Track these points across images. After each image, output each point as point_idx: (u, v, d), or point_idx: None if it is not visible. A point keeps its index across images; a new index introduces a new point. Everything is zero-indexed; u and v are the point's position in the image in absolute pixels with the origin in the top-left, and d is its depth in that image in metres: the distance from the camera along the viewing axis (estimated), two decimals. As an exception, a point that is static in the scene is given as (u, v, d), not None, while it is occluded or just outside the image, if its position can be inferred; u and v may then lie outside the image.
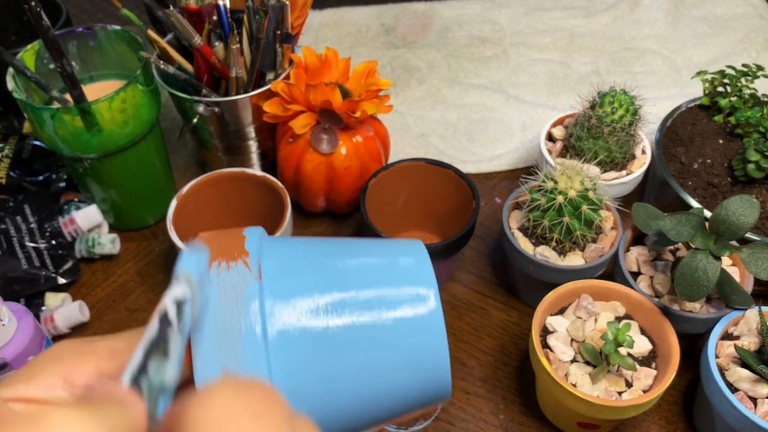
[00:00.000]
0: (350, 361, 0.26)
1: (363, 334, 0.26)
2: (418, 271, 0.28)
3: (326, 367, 0.26)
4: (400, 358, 0.26)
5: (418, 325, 0.26)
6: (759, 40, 0.87)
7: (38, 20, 0.51)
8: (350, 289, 0.27)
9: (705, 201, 0.59)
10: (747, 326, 0.50)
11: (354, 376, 0.26)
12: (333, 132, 0.61)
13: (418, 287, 0.27)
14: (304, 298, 0.26)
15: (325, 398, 0.26)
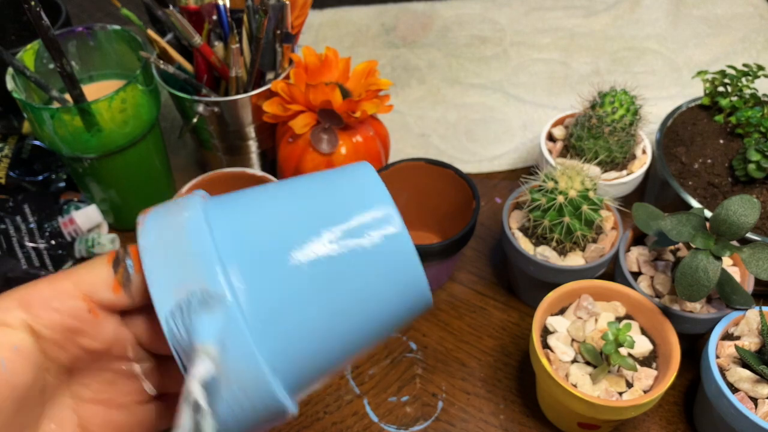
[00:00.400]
0: (327, 295, 0.26)
1: (334, 268, 0.26)
2: (371, 191, 0.28)
3: (306, 306, 0.25)
4: (375, 282, 0.26)
5: (386, 244, 0.26)
6: (759, 40, 0.87)
7: (38, 20, 0.51)
8: (311, 225, 0.26)
9: (705, 201, 0.59)
10: (748, 326, 0.50)
11: (332, 308, 0.26)
12: (333, 132, 0.61)
13: (376, 207, 0.27)
14: (260, 242, 0.26)
15: (310, 333, 0.26)
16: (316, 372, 0.27)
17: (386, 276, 0.26)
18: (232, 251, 0.25)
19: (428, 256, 0.57)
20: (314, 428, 0.54)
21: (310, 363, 0.26)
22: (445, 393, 0.56)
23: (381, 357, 0.58)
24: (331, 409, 0.55)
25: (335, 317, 0.26)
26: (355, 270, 0.26)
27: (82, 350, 0.27)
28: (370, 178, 0.28)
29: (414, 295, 0.27)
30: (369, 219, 0.27)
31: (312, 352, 0.26)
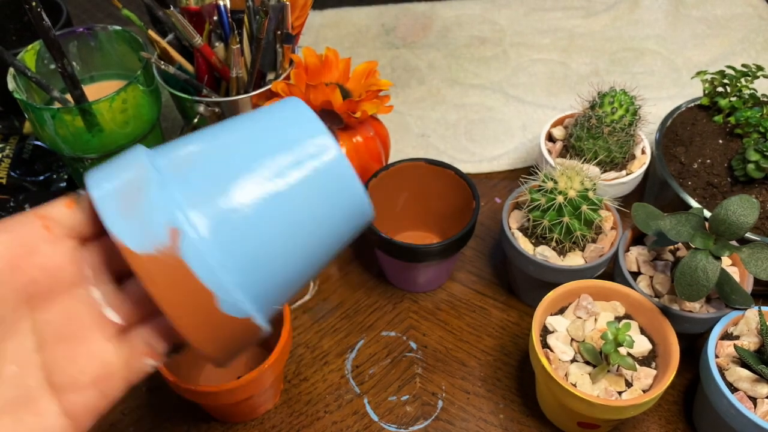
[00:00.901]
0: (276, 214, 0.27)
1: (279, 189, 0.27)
2: (301, 121, 0.29)
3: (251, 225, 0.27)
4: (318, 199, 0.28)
5: (324, 170, 0.28)
6: (759, 41, 0.87)
7: (39, 20, 0.51)
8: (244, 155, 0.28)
9: (705, 201, 0.59)
10: (747, 326, 0.51)
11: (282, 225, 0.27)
12: (333, 132, 0.61)
13: (311, 136, 0.28)
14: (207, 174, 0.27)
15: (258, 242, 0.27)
16: (274, 283, 0.28)
17: (326, 188, 0.28)
18: (175, 175, 0.27)
19: (428, 256, 0.57)
20: (314, 427, 0.54)
21: (276, 281, 0.28)
22: (445, 392, 0.56)
23: (381, 356, 0.59)
24: (331, 408, 0.56)
25: (286, 232, 0.27)
26: (298, 189, 0.28)
27: (38, 270, 0.26)
28: (301, 110, 0.29)
29: (353, 205, 0.29)
30: (305, 139, 0.28)
31: (264, 262, 0.27)
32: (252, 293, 0.27)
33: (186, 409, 0.56)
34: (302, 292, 0.63)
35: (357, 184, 0.28)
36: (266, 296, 0.28)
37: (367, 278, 0.65)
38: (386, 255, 0.58)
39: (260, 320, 0.28)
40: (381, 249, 0.58)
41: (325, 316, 0.62)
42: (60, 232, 0.27)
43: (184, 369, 0.53)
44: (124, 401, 0.56)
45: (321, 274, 0.65)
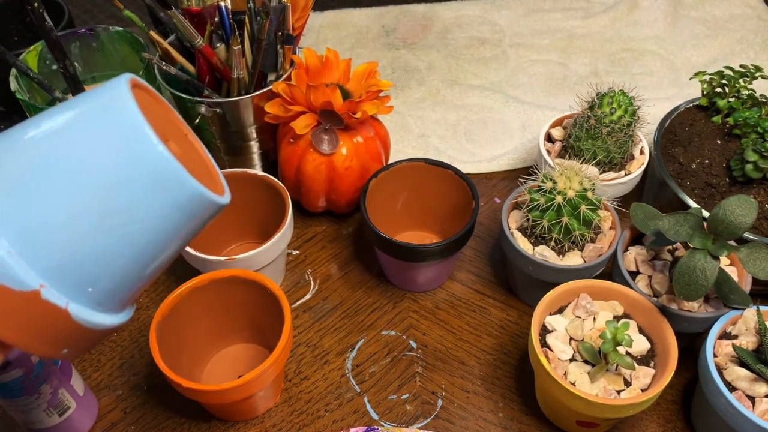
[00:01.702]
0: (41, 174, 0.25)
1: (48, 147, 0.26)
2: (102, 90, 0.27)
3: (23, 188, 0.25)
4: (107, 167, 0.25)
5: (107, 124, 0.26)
6: (757, 41, 0.88)
7: (41, 21, 0.51)
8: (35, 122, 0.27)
9: (703, 201, 0.60)
10: (745, 325, 0.51)
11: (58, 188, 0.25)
12: (334, 132, 0.61)
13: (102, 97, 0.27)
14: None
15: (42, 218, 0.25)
16: (84, 261, 0.26)
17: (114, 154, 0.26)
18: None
19: (428, 256, 0.57)
20: (315, 426, 0.55)
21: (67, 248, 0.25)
22: (444, 391, 0.57)
23: (381, 355, 0.59)
24: (332, 407, 0.56)
25: (77, 200, 0.25)
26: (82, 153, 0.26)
27: None
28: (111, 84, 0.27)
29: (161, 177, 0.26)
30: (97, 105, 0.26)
31: (65, 237, 0.25)
32: (41, 265, 0.25)
33: (187, 407, 0.56)
34: (303, 292, 0.64)
35: (150, 144, 0.25)
36: (68, 272, 0.25)
37: (368, 278, 0.65)
38: (386, 255, 0.58)
39: (57, 298, 0.25)
40: (381, 249, 0.59)
41: (326, 316, 0.62)
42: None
43: (186, 368, 0.53)
44: (125, 400, 0.56)
45: (321, 274, 0.65)
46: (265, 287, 0.52)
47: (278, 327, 0.51)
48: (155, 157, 0.25)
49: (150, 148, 0.25)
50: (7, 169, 0.25)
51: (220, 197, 0.28)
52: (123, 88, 0.26)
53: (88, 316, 0.26)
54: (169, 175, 0.26)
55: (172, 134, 0.29)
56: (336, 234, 0.69)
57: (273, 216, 0.61)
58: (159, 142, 0.25)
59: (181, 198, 0.26)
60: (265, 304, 0.53)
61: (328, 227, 0.69)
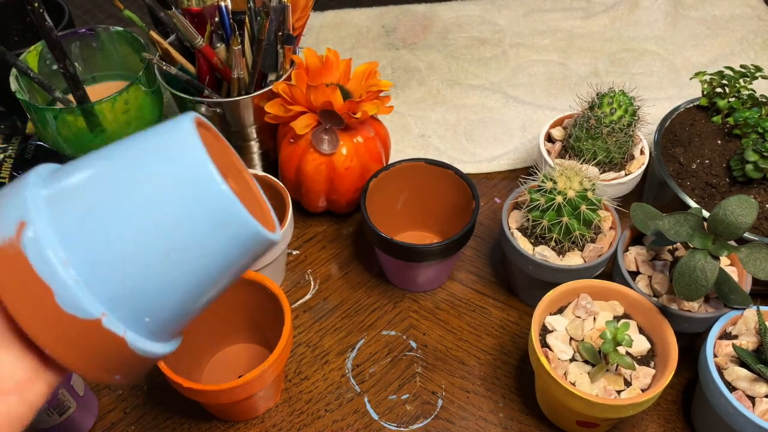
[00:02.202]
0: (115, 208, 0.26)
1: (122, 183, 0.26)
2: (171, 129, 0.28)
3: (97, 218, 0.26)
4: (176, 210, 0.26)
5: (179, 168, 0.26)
6: (757, 41, 0.88)
7: (41, 21, 0.51)
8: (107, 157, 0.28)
9: (703, 201, 0.60)
10: (745, 325, 0.51)
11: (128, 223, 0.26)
12: (334, 132, 0.61)
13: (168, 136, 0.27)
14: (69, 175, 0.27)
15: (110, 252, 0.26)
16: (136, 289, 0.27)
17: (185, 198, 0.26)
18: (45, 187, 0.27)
19: (428, 256, 0.57)
20: (315, 426, 0.55)
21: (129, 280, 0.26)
22: (444, 391, 0.57)
23: (381, 355, 0.59)
24: (332, 407, 0.56)
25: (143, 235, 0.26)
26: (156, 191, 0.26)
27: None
28: (180, 122, 0.28)
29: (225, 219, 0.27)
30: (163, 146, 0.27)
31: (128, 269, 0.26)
32: (104, 295, 0.26)
33: (187, 407, 0.56)
34: (303, 292, 0.64)
35: (220, 190, 0.26)
36: (129, 303, 0.26)
37: (368, 278, 0.65)
38: (386, 255, 0.58)
39: (116, 326, 0.26)
40: (381, 249, 0.59)
41: (326, 316, 0.62)
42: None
43: (186, 368, 0.53)
44: (125, 400, 0.56)
45: (322, 274, 0.65)
46: (265, 287, 0.52)
47: (278, 327, 0.51)
48: (219, 196, 0.26)
49: (215, 187, 0.26)
50: (83, 198, 0.26)
51: (273, 235, 0.29)
52: (189, 128, 0.27)
53: (142, 344, 0.27)
54: (230, 214, 0.27)
55: (230, 171, 0.30)
56: (336, 234, 0.69)
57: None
58: (222, 182, 0.26)
59: (240, 236, 0.27)
60: (266, 304, 0.53)
61: (328, 227, 0.69)
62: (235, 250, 0.27)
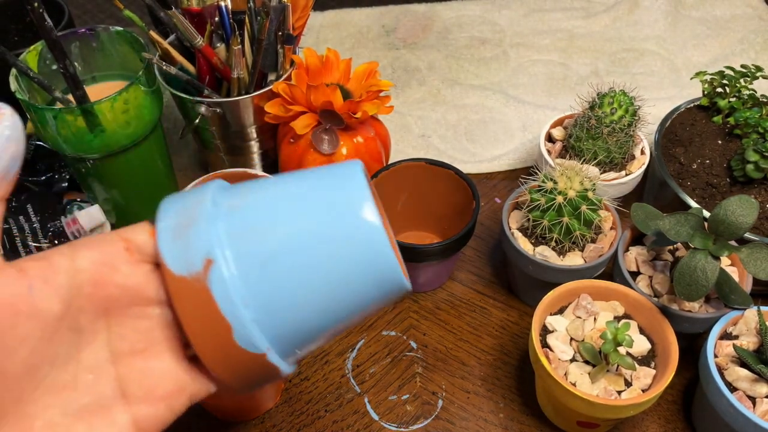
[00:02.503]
0: (294, 257, 0.28)
1: (302, 234, 0.29)
2: (348, 178, 0.30)
3: (276, 265, 0.28)
4: (342, 251, 0.29)
5: (350, 221, 0.29)
6: (758, 41, 0.88)
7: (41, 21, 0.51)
8: (290, 199, 0.30)
9: (704, 201, 0.60)
10: (746, 326, 0.51)
11: (302, 272, 0.28)
12: (334, 132, 0.61)
13: (350, 189, 0.29)
14: (251, 212, 0.29)
15: (282, 296, 0.28)
16: (295, 329, 0.29)
17: (355, 249, 0.29)
18: (230, 221, 0.29)
19: (428, 256, 0.57)
20: (315, 426, 0.55)
21: (294, 327, 0.29)
22: (445, 391, 0.57)
23: (381, 356, 0.59)
24: (332, 407, 0.56)
25: (313, 284, 0.29)
26: (327, 243, 0.29)
27: (118, 288, 0.28)
28: (352, 170, 0.31)
29: (383, 273, 0.29)
30: (345, 199, 0.29)
31: (295, 315, 0.29)
32: (270, 333, 0.29)
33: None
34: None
35: (389, 256, 0.29)
36: (286, 340, 0.29)
37: (368, 278, 0.65)
38: (387, 255, 0.58)
39: (275, 359, 0.29)
40: (381, 249, 0.58)
41: (326, 316, 0.62)
42: (139, 257, 0.29)
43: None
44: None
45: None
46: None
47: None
48: (390, 267, 0.29)
49: (386, 255, 0.29)
50: (264, 244, 0.28)
51: (409, 284, 0.31)
52: (363, 190, 0.29)
53: (287, 370, 0.30)
54: (393, 278, 0.29)
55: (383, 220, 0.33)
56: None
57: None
58: (391, 250, 0.29)
59: (394, 292, 0.30)
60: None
61: (329, 227, 0.69)
62: (383, 302, 0.31)
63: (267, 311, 0.28)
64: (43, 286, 0.25)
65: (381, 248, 0.29)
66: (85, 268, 0.27)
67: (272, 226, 0.29)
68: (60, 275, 0.26)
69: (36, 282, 0.25)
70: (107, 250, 0.28)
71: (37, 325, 0.25)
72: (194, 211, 0.29)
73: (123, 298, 0.28)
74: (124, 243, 0.29)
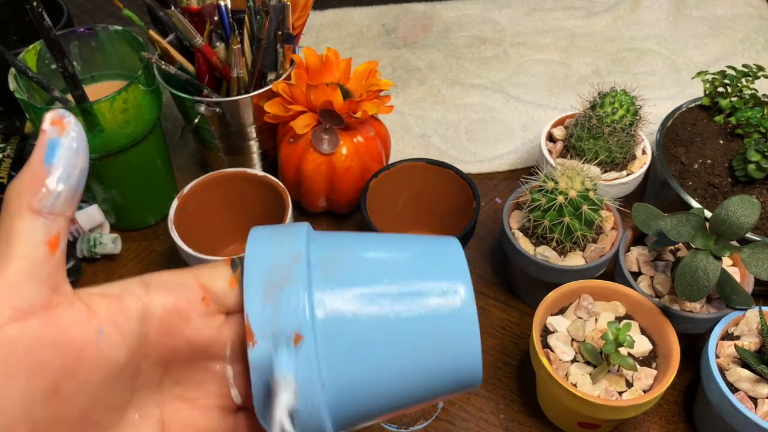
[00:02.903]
0: (382, 347, 0.27)
1: (396, 324, 0.27)
2: (450, 264, 0.29)
3: (361, 353, 0.27)
4: (432, 348, 0.27)
5: (449, 316, 0.27)
6: (759, 41, 0.87)
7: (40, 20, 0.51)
8: (386, 280, 0.28)
9: (705, 201, 0.59)
10: (747, 326, 0.51)
11: (386, 363, 0.27)
12: (334, 132, 0.61)
13: (450, 280, 0.28)
14: (345, 288, 0.27)
15: (369, 386, 0.27)
16: (362, 419, 0.29)
17: (446, 347, 0.28)
18: (323, 294, 0.27)
19: (429, 256, 0.57)
20: (315, 427, 0.54)
21: (360, 412, 0.28)
22: (445, 392, 0.56)
23: (382, 356, 0.59)
24: (331, 408, 0.56)
25: (393, 375, 0.27)
26: (419, 337, 0.27)
27: (185, 341, 0.27)
28: (456, 255, 0.29)
29: (467, 371, 0.28)
30: (444, 291, 0.28)
31: (365, 402, 0.28)
32: (335, 415, 0.27)
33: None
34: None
35: (476, 343, 0.28)
36: (349, 422, 0.28)
37: (368, 278, 0.65)
38: (387, 255, 0.58)
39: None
40: (381, 249, 0.58)
41: (326, 316, 0.62)
42: (215, 308, 0.27)
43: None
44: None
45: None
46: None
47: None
48: (475, 372, 0.28)
49: (476, 372, 0.28)
50: (359, 324, 0.27)
51: (481, 379, 0.30)
52: (470, 313, 0.28)
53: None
54: (472, 375, 0.28)
55: None
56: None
57: (273, 216, 0.60)
58: (480, 359, 0.28)
59: (464, 389, 0.29)
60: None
61: (329, 227, 0.69)
62: (449, 396, 0.29)
63: (341, 393, 0.27)
64: (113, 331, 0.24)
65: (469, 336, 0.27)
66: (157, 315, 0.25)
67: (368, 305, 0.27)
68: (131, 321, 0.24)
69: (106, 326, 0.23)
70: (183, 298, 0.26)
71: (100, 373, 0.23)
72: (288, 271, 0.27)
73: (188, 351, 0.27)
74: (202, 291, 0.27)
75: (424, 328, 0.27)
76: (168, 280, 0.27)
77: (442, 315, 0.27)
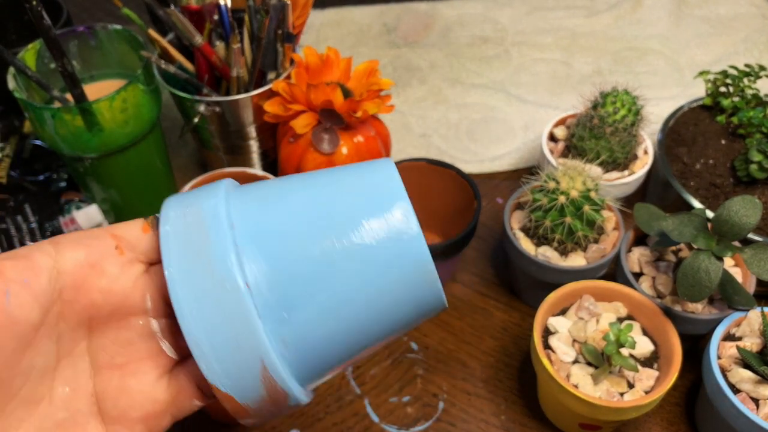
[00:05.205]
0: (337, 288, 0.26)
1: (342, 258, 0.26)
2: (384, 186, 0.28)
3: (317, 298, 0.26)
4: (384, 276, 0.26)
5: (396, 240, 0.26)
6: (762, 41, 0.87)
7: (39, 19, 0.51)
8: (324, 215, 0.27)
9: (707, 201, 0.59)
10: (749, 327, 0.50)
11: (343, 301, 0.26)
12: (334, 132, 0.61)
13: (387, 202, 0.27)
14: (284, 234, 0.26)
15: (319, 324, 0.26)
16: (325, 363, 0.27)
17: (398, 274, 0.26)
18: (249, 240, 0.26)
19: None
20: (315, 428, 0.54)
21: (318, 354, 0.27)
22: (446, 393, 0.56)
23: (382, 357, 0.58)
24: (332, 409, 0.55)
25: (345, 311, 0.26)
26: (366, 266, 0.26)
27: (102, 293, 0.26)
28: (389, 175, 0.28)
29: (426, 296, 0.27)
30: (384, 216, 0.27)
31: (321, 343, 0.27)
32: (299, 375, 0.27)
33: (186, 409, 0.55)
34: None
35: (428, 260, 0.26)
36: (313, 373, 0.27)
37: (368, 278, 0.64)
38: (387, 255, 0.58)
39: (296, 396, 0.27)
40: (382, 249, 0.58)
41: (326, 317, 0.61)
42: (131, 255, 0.27)
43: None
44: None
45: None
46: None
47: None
48: (436, 293, 0.27)
49: (435, 288, 0.27)
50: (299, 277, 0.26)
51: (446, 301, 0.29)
52: (400, 192, 0.27)
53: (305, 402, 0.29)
54: (437, 301, 0.27)
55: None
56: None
57: (273, 216, 0.60)
58: (433, 264, 0.27)
59: (429, 312, 0.28)
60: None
61: (329, 227, 0.69)
62: (415, 324, 0.29)
63: (298, 350, 0.26)
64: (21, 291, 0.23)
65: (425, 264, 0.26)
66: (69, 269, 0.25)
67: (298, 241, 0.26)
68: (41, 278, 0.24)
69: (13, 286, 0.23)
70: (95, 249, 0.26)
71: (11, 335, 0.23)
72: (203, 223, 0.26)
73: (107, 304, 0.26)
74: (115, 240, 0.26)
75: (369, 258, 0.26)
76: (79, 235, 0.26)
77: (387, 239, 0.26)
